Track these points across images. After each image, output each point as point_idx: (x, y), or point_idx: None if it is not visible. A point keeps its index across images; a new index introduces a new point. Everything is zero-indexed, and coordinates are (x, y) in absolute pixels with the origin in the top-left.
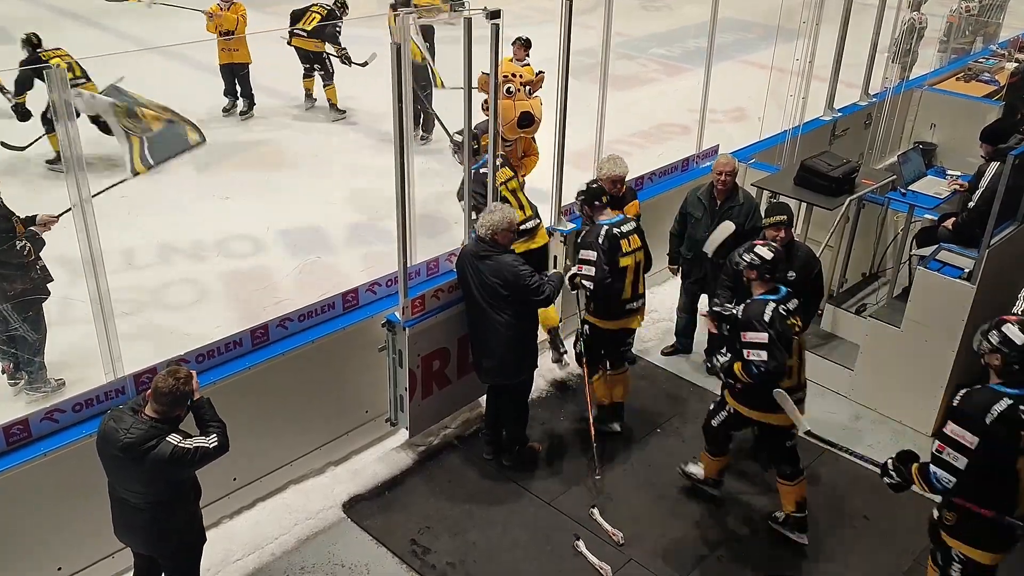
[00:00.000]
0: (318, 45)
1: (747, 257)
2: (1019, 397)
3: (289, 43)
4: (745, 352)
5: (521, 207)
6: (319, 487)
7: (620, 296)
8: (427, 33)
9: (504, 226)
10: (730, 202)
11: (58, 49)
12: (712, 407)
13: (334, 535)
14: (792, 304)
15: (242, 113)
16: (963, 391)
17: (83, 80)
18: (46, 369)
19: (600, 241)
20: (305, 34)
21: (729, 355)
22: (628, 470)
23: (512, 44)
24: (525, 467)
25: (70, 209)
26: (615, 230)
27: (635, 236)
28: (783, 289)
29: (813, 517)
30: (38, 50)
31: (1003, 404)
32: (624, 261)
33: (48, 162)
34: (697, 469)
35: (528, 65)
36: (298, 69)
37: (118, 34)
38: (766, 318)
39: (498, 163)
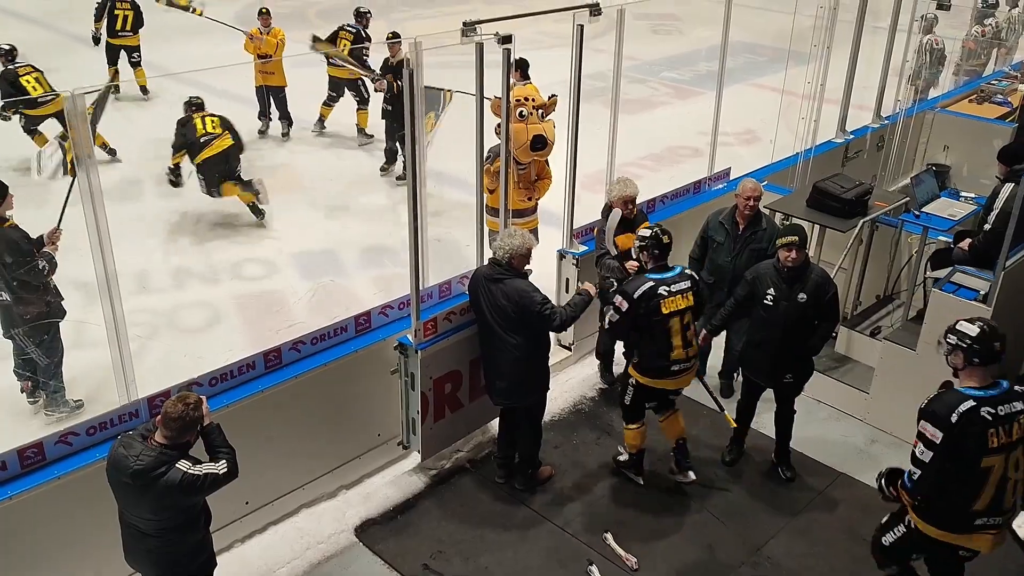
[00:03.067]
0: (353, 72)
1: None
2: (982, 399)
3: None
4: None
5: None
6: (331, 511)
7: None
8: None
9: (522, 252)
10: (753, 227)
11: (27, 66)
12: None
13: (346, 559)
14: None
15: (283, 135)
16: (932, 394)
17: (52, 96)
18: (63, 391)
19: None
20: (341, 63)
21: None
22: (641, 494)
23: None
24: (538, 491)
25: (62, 215)
26: (661, 288)
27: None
28: (678, 268)
29: (828, 539)
30: (10, 65)
31: (967, 405)
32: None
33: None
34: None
35: (529, 85)
36: (323, 95)
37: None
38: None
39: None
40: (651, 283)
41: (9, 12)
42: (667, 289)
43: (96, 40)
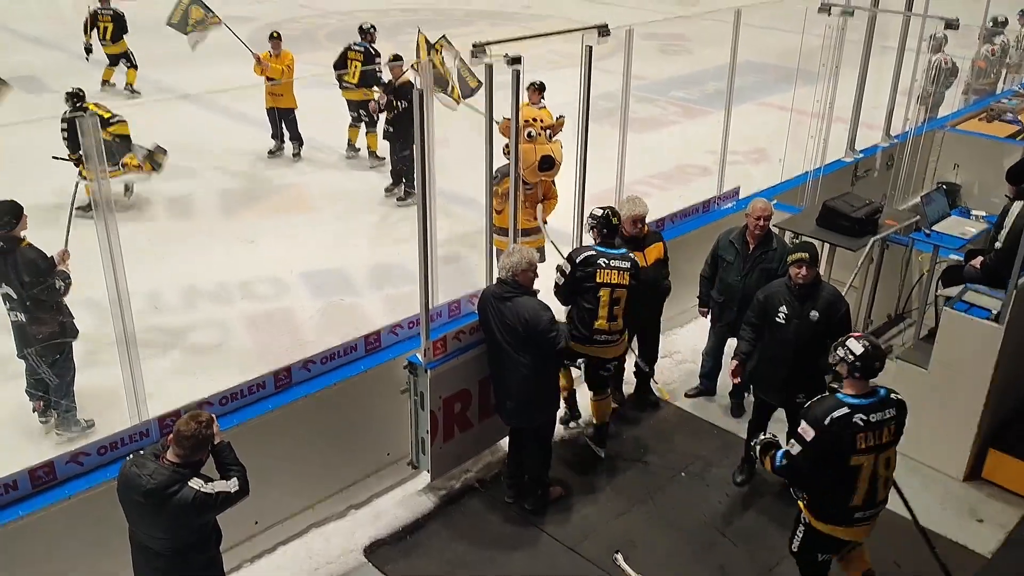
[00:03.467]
0: (366, 93)
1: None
2: (855, 407)
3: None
4: None
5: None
6: (340, 531)
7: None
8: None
9: (524, 267)
10: (764, 247)
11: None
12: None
13: None
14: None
15: (294, 155)
16: (815, 398)
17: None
18: (75, 411)
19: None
20: (353, 86)
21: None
22: (652, 514)
23: (527, 89)
24: (547, 511)
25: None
26: (601, 259)
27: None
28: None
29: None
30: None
31: (841, 411)
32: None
33: (79, 209)
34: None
35: (544, 108)
36: (333, 115)
37: (153, 83)
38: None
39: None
40: (594, 251)
41: (21, 36)
42: (606, 261)
43: (88, 50)
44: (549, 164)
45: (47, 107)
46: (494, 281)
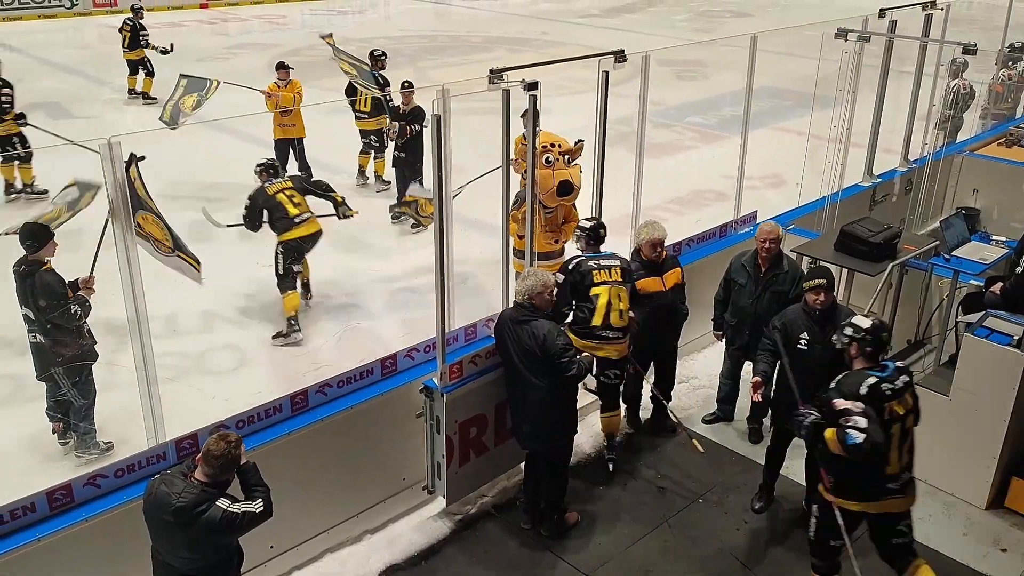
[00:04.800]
0: (380, 122)
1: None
2: (881, 377)
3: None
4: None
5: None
6: (355, 556)
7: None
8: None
9: (539, 290)
10: (775, 269)
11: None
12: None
13: None
14: None
15: None
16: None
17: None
18: (94, 432)
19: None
20: (367, 115)
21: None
22: (669, 541)
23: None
24: (563, 537)
25: (95, 262)
26: (591, 262)
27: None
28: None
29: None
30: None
31: (871, 380)
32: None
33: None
34: None
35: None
36: (345, 142)
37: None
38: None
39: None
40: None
41: (46, 63)
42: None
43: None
44: (567, 189)
45: (70, 133)
46: (511, 305)
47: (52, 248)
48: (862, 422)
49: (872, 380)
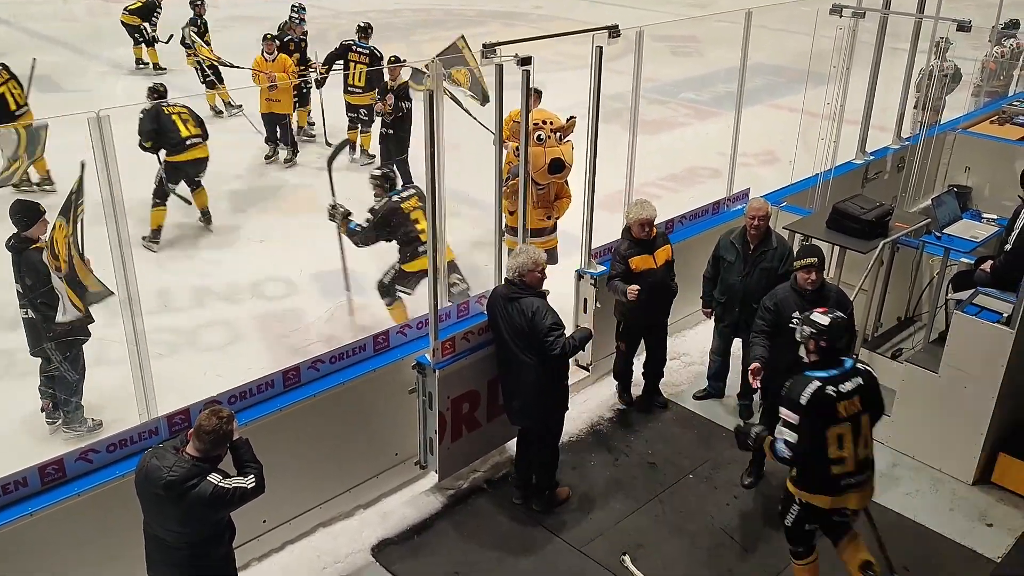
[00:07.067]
0: (373, 97)
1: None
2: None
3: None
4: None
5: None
6: (348, 531)
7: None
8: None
9: (530, 267)
10: (763, 246)
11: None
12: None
13: None
14: None
15: (286, 160)
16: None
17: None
18: (83, 409)
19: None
20: (360, 90)
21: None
22: (660, 516)
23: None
24: (555, 512)
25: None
26: (397, 197)
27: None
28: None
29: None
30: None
31: (813, 386)
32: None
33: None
34: None
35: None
36: (342, 117)
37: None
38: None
39: None
40: (395, 197)
41: (34, 35)
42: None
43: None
44: (559, 167)
45: (60, 107)
46: (502, 281)
47: (44, 227)
48: (791, 436)
49: (814, 387)
